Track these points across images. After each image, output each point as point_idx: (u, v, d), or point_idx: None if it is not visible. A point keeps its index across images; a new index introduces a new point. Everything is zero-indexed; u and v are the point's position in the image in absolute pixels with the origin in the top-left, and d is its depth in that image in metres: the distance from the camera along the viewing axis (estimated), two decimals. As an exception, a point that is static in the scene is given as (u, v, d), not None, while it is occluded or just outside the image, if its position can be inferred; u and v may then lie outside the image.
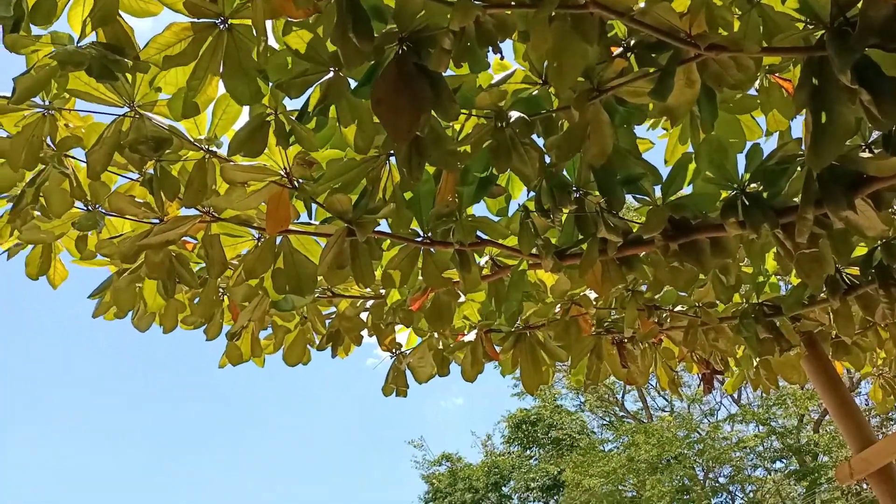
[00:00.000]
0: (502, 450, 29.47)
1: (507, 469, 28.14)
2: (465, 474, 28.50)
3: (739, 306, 2.91)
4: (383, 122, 1.60)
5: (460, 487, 27.94)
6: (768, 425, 19.64)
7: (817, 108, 1.65)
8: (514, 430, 27.87)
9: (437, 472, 29.35)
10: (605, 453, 22.41)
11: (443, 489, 28.29)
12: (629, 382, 3.31)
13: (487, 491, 28.14)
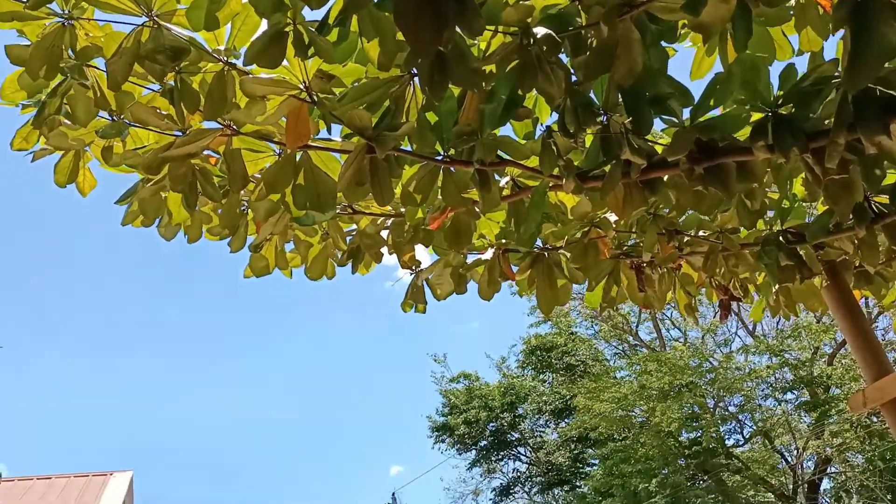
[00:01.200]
0: (517, 373, 30.07)
1: (522, 391, 28.78)
2: (482, 393, 29.21)
3: (762, 233, 2.88)
4: (405, 36, 1.56)
5: (476, 405, 28.68)
6: (781, 357, 19.78)
7: (857, 26, 1.58)
8: (528, 355, 28.35)
9: (454, 389, 30.10)
10: (616, 380, 22.78)
11: (459, 405, 29.05)
12: (646, 307, 3.33)
13: (502, 410, 28.88)
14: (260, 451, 79.78)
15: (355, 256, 2.68)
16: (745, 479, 19.67)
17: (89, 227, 79.67)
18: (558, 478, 28.36)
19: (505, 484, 30.30)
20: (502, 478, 30.54)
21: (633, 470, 20.08)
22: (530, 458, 30.08)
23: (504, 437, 29.52)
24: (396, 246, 2.66)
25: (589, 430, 22.64)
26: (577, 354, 26.52)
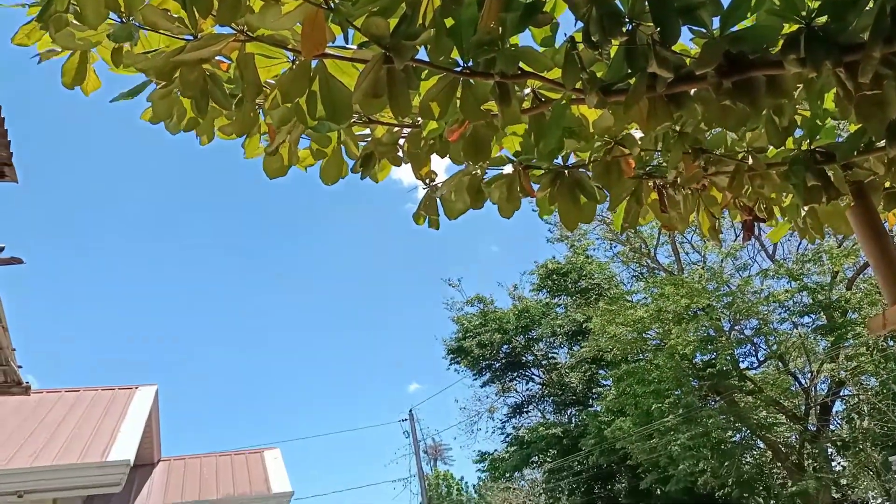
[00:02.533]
0: (531, 297, 30.33)
1: (536, 315, 29.10)
2: (496, 316, 29.57)
3: (790, 152, 2.80)
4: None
5: (490, 328, 29.09)
6: (800, 281, 19.73)
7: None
8: (543, 279, 28.51)
9: (468, 313, 30.49)
10: (632, 303, 22.90)
11: (473, 329, 29.48)
12: (668, 228, 3.28)
13: (516, 333, 29.30)
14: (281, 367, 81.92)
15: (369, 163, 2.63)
16: (757, 400, 19.95)
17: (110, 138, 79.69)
18: (571, 398, 28.98)
19: (519, 402, 31.05)
20: (516, 396, 31.28)
21: (646, 391, 20.42)
22: (544, 378, 30.68)
23: (518, 358, 30.06)
24: (412, 157, 2.61)
25: (603, 353, 22.94)
26: (593, 278, 26.62)
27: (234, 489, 12.94)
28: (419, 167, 2.64)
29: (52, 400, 12.94)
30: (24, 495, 9.09)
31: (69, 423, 11.53)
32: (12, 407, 12.38)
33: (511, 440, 30.06)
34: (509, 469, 30.00)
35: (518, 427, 30.21)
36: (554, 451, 27.51)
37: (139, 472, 13.31)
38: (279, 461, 14.31)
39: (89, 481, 9.59)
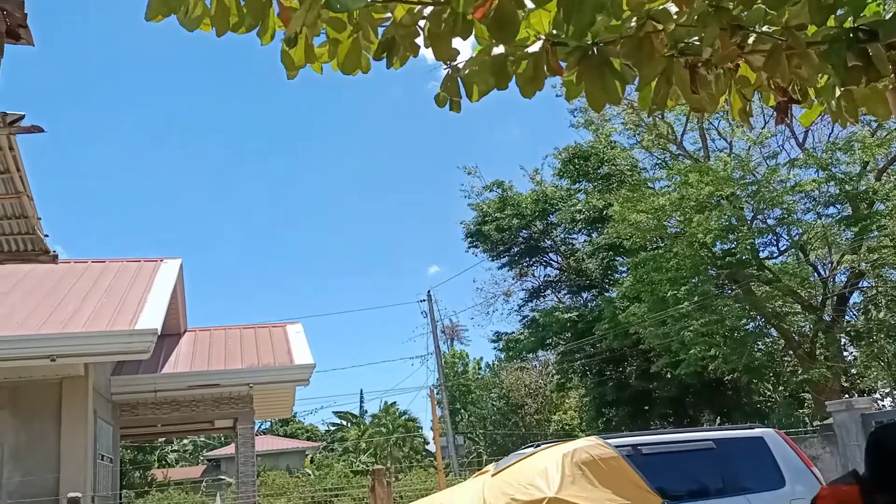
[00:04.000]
0: (551, 182, 30.12)
1: (556, 200, 28.99)
2: (515, 202, 29.52)
3: (831, 30, 2.64)
4: None
5: (508, 213, 29.12)
6: (829, 171, 19.32)
7: None
8: (565, 164, 28.17)
9: (486, 199, 30.46)
10: (654, 190, 22.67)
11: (492, 214, 29.52)
12: (697, 110, 3.16)
13: (535, 218, 29.33)
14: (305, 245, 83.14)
15: (390, 49, 2.53)
16: (774, 289, 20.05)
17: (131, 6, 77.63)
18: (588, 283, 29.34)
19: (535, 287, 31.52)
20: (533, 281, 31.71)
21: (663, 278, 20.55)
22: (561, 264, 30.97)
23: (536, 244, 30.24)
24: (433, 38, 2.49)
25: (622, 240, 22.95)
26: (616, 164, 26.26)
27: (258, 359, 13.46)
28: (441, 49, 2.52)
29: (80, 270, 13.30)
30: (57, 359, 9.51)
31: (97, 293, 11.89)
32: (41, 276, 12.75)
33: (526, 323, 30.76)
34: (524, 350, 30.89)
35: (534, 310, 30.83)
36: (568, 334, 28.17)
37: (166, 341, 13.85)
38: (301, 335, 14.78)
39: (119, 348, 10.00)
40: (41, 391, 10.28)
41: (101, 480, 11.21)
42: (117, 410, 12.77)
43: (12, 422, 10.14)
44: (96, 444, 10.92)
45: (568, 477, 6.54)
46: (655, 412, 25.74)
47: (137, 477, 28.95)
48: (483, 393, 40.83)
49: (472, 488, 7.30)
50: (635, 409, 25.94)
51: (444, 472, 16.44)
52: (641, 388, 25.32)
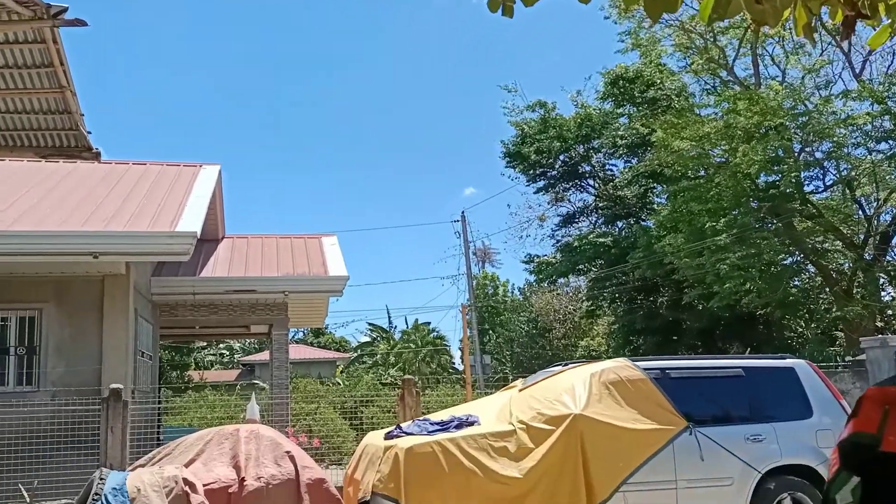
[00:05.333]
0: (595, 105, 29.42)
1: (598, 124, 28.37)
2: (556, 123, 28.95)
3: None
4: None
5: (550, 135, 28.61)
6: (884, 105, 18.52)
7: None
8: (609, 86, 27.40)
9: (527, 118, 29.91)
10: (700, 117, 22.03)
11: (532, 135, 29.04)
12: (758, 23, 2.98)
13: (576, 142, 28.81)
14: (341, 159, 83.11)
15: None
16: (816, 225, 19.62)
17: (166, -81, 76.23)
18: (624, 211, 29.00)
19: (571, 212, 31.27)
20: (569, 206, 31.44)
21: (702, 208, 20.20)
22: (598, 190, 30.57)
23: (574, 168, 29.80)
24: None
25: (663, 167, 22.50)
26: (663, 87, 25.48)
27: (293, 268, 13.66)
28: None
29: (121, 171, 13.47)
30: (99, 257, 9.74)
31: (138, 194, 12.06)
32: (84, 174, 12.95)
33: (560, 247, 30.67)
34: (555, 274, 30.88)
35: (568, 235, 30.68)
36: (601, 260, 28.07)
37: (205, 246, 14.09)
38: (336, 247, 14.93)
39: (159, 248, 10.20)
40: (84, 287, 10.59)
41: (140, 376, 11.65)
42: (157, 311, 13.15)
43: (57, 316, 10.50)
44: (136, 340, 11.29)
45: (595, 395, 6.61)
46: (684, 343, 25.79)
47: (175, 377, 30.10)
48: (512, 315, 41.24)
49: (499, 401, 7.44)
50: (664, 339, 26.02)
51: (471, 388, 16.78)
52: (671, 318, 25.32)
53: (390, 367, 40.41)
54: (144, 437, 9.56)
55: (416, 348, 41.05)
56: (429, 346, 41.78)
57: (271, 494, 6.34)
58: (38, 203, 11.20)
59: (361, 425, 12.98)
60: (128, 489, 6.03)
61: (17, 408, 9.46)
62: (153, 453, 7.08)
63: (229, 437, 7.03)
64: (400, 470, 5.99)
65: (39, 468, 8.56)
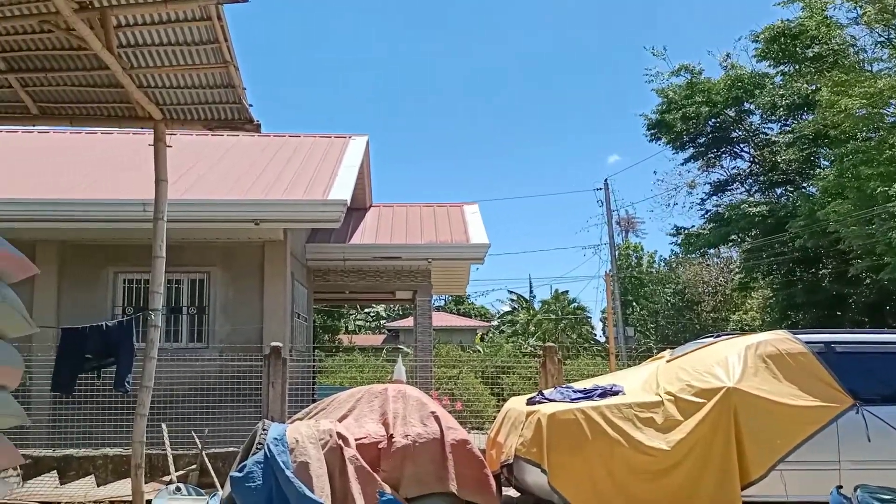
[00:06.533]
0: (748, 66, 27.57)
1: (750, 86, 26.56)
2: (704, 87, 27.42)
3: None
4: None
5: (697, 100, 27.15)
6: None
7: None
8: (768, 43, 25.53)
9: (672, 84, 28.53)
10: (872, 73, 20.10)
11: (677, 101, 27.68)
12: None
13: (726, 106, 27.17)
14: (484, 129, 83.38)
15: None
16: None
17: None
18: (783, 177, 27.12)
19: (722, 180, 29.64)
20: (720, 173, 29.82)
21: (873, 172, 18.50)
22: (753, 155, 28.76)
23: (725, 133, 28.17)
24: None
25: (828, 129, 20.79)
26: (829, 43, 23.42)
27: (436, 236, 13.93)
28: None
29: (278, 143, 14.24)
30: (260, 223, 10.38)
31: (294, 164, 12.72)
32: (245, 147, 13.81)
33: (710, 217, 29.20)
34: (704, 245, 29.42)
35: (719, 204, 29.12)
36: (756, 230, 26.46)
37: (354, 214, 14.67)
38: (477, 215, 15.05)
39: (313, 216, 10.73)
40: (247, 253, 11.35)
41: (297, 336, 12.38)
42: (311, 275, 13.87)
43: (223, 279, 11.33)
44: (293, 303, 11.99)
45: (750, 368, 6.29)
46: (849, 318, 23.90)
47: (327, 339, 31.73)
48: (657, 287, 39.94)
49: (644, 372, 7.25)
50: (826, 314, 24.23)
51: (614, 358, 16.49)
52: (835, 292, 23.52)
53: (530, 337, 40.48)
54: (300, 393, 10.16)
55: (556, 318, 40.84)
56: (569, 316, 41.41)
57: (417, 452, 6.55)
58: (207, 174, 12.08)
59: (502, 392, 13.12)
60: (287, 440, 6.44)
61: (190, 362, 10.34)
62: (309, 408, 7.52)
63: (378, 396, 7.33)
64: (542, 435, 6.00)
65: (208, 417, 9.32)
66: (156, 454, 8.22)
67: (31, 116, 7.64)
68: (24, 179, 11.52)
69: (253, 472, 6.15)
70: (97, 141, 14.40)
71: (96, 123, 8.10)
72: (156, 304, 7.45)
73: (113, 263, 11.16)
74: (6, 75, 7.01)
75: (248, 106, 7.47)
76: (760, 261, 26.83)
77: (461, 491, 6.38)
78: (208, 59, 6.76)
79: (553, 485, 5.81)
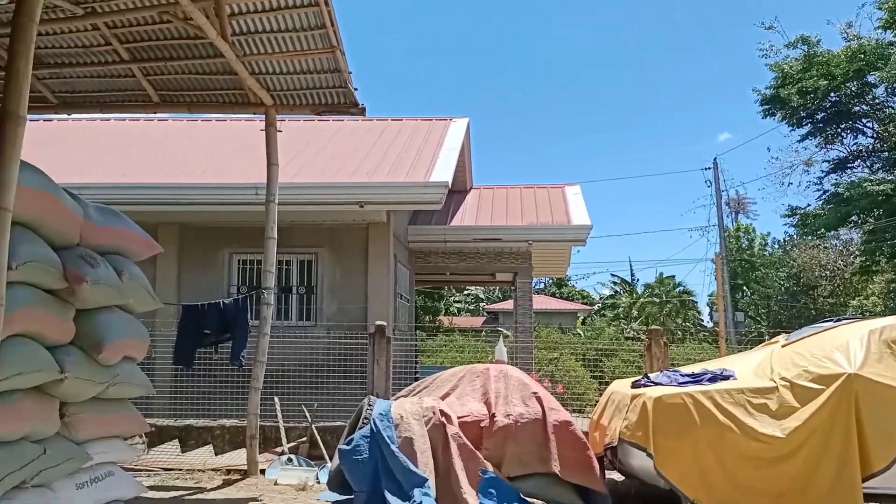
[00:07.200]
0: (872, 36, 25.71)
1: (874, 57, 24.77)
2: (823, 60, 25.80)
3: None
4: None
5: (814, 74, 25.60)
6: None
7: None
8: (893, 12, 23.71)
9: (788, 58, 27.01)
10: None
11: (793, 75, 26.18)
12: None
13: (847, 79, 25.50)
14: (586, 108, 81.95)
15: None
16: None
17: None
18: (910, 153, 25.27)
19: (842, 157, 27.90)
20: (840, 150, 28.08)
21: None
22: (877, 131, 26.92)
23: (846, 107, 26.44)
24: None
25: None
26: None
27: (536, 218, 13.83)
28: None
29: (380, 127, 14.49)
30: (364, 206, 10.61)
31: (396, 148, 12.91)
32: (349, 130, 14.13)
33: (828, 197, 27.57)
34: (822, 226, 27.84)
35: (838, 183, 27.43)
36: (878, 210, 24.81)
37: (454, 196, 14.76)
38: (579, 196, 14.83)
39: (415, 198, 10.86)
40: (352, 234, 11.64)
41: (399, 316, 12.62)
42: (412, 257, 14.08)
43: (330, 259, 11.68)
44: (396, 283, 12.22)
45: (873, 354, 5.93)
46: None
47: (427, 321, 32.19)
48: (769, 271, 38.15)
49: (757, 357, 6.96)
50: (957, 300, 22.56)
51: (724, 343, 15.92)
52: (969, 278, 21.84)
53: (632, 321, 39.63)
54: (403, 371, 10.37)
55: (660, 302, 39.78)
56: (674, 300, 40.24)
57: (519, 432, 6.56)
58: (314, 158, 12.44)
59: (603, 376, 12.93)
60: (392, 416, 6.60)
61: (299, 339, 10.74)
62: (412, 386, 7.66)
63: (480, 375, 7.38)
64: (648, 419, 5.87)
65: (316, 392, 9.66)
66: (268, 426, 8.61)
67: (153, 104, 8.09)
68: (148, 165, 12.23)
69: (360, 446, 6.34)
70: (212, 128, 15.10)
71: (212, 110, 8.48)
72: (269, 283, 7.78)
73: (228, 245, 11.71)
74: (129, 65, 7.45)
75: (354, 90, 7.64)
76: (883, 243, 25.13)
77: (564, 472, 6.35)
78: (316, 45, 6.95)
79: (659, 469, 5.68)
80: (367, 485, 6.16)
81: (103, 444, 4.51)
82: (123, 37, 7.08)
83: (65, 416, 4.07)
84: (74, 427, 4.15)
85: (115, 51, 7.24)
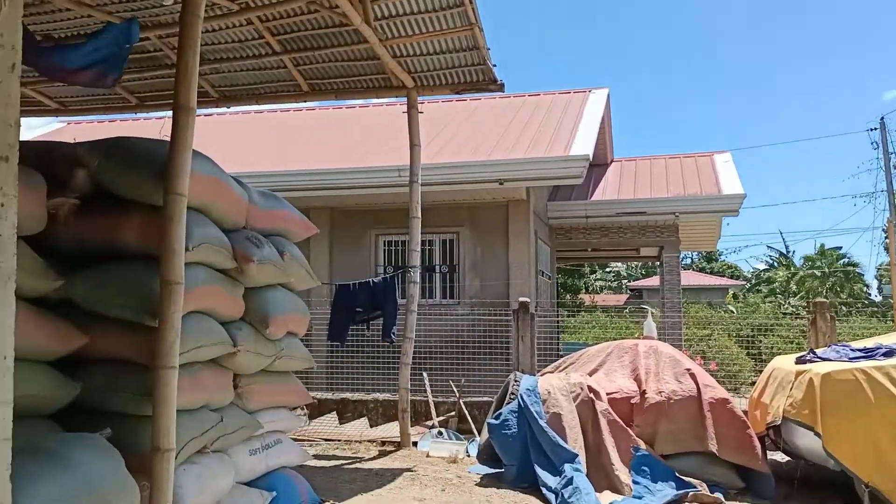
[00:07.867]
0: None
1: None
2: None
3: None
4: None
5: None
6: None
7: None
8: None
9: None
10: None
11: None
12: None
13: None
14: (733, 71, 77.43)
15: None
16: None
17: None
18: None
19: None
20: None
21: None
22: None
23: None
24: None
25: None
26: None
27: (683, 189, 13.28)
28: None
29: (518, 103, 14.39)
30: (504, 183, 10.61)
31: (534, 123, 12.79)
32: (487, 108, 14.14)
33: None
34: None
35: None
36: None
37: (595, 170, 14.44)
38: (730, 164, 14.09)
39: (555, 173, 10.72)
40: (492, 212, 11.69)
41: (541, 292, 12.56)
42: (553, 234, 13.95)
43: (471, 237, 11.80)
44: (537, 260, 12.16)
45: None
46: None
47: (568, 299, 31.85)
48: (948, 239, 34.57)
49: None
50: None
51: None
52: None
53: (791, 297, 37.25)
54: (546, 348, 10.33)
55: (822, 276, 37.13)
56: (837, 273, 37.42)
57: (672, 409, 6.37)
58: (452, 138, 12.58)
59: (760, 355, 12.26)
60: (539, 391, 6.59)
61: (443, 317, 10.95)
62: (558, 362, 7.61)
63: (629, 351, 7.22)
64: (816, 396, 5.51)
65: (461, 368, 9.83)
66: (418, 400, 8.86)
67: (303, 93, 8.47)
68: (300, 153, 12.86)
69: (508, 420, 6.40)
70: (354, 114, 15.62)
71: (357, 95, 8.75)
72: (414, 262, 7.98)
73: (374, 226, 12.11)
74: (281, 56, 7.82)
75: (492, 66, 7.63)
76: None
77: (722, 451, 6.11)
78: (454, 23, 6.99)
79: (829, 450, 5.33)
80: (517, 459, 6.22)
81: (272, 413, 4.81)
82: (275, 29, 7.44)
83: (238, 387, 4.36)
84: (246, 397, 4.45)
85: (267, 43, 7.63)
